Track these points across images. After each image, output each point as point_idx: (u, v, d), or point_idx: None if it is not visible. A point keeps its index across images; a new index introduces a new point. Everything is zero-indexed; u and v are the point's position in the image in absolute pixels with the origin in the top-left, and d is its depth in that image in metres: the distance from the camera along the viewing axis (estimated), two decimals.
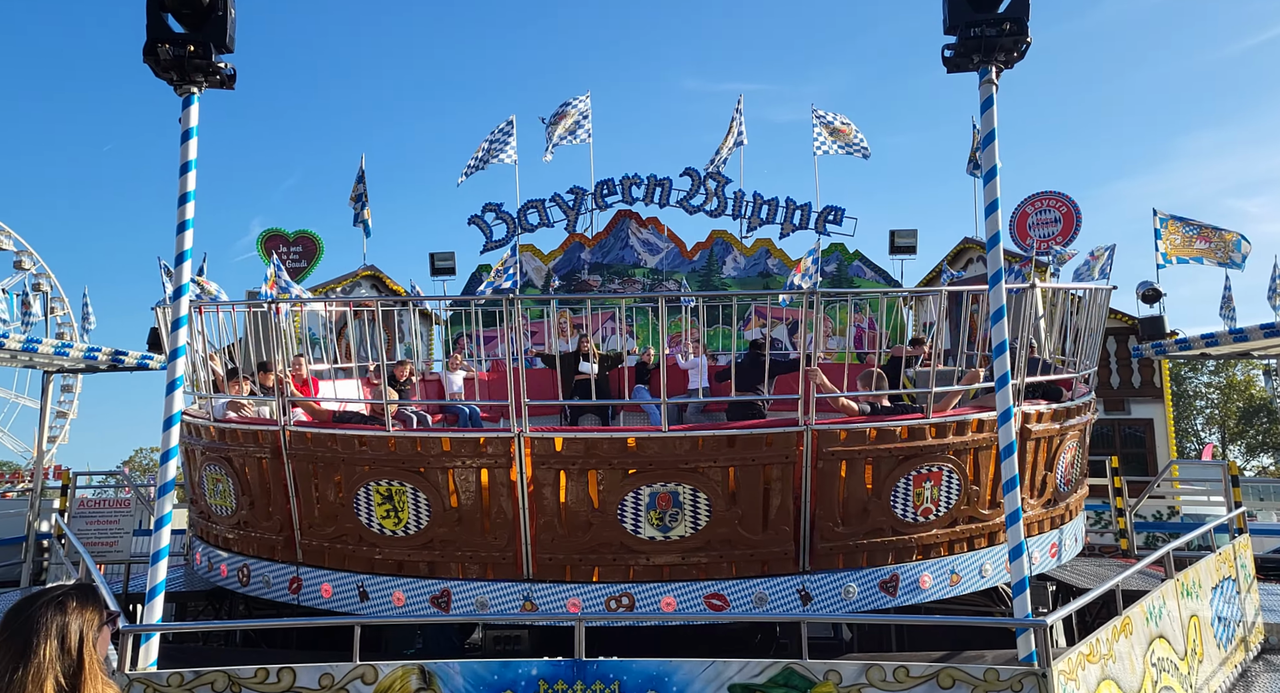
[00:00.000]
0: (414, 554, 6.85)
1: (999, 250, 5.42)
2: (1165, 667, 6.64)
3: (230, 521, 7.83)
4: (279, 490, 7.34)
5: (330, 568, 7.07)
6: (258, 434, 7.42)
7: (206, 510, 8.24)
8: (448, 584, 6.70)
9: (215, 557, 8.00)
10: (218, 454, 7.79)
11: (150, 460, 55.49)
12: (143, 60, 5.14)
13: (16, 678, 2.08)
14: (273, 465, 7.31)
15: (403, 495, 6.77)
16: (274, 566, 7.39)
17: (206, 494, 8.12)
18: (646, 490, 6.51)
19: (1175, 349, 14.11)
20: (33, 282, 37.30)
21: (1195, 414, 46.20)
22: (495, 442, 6.62)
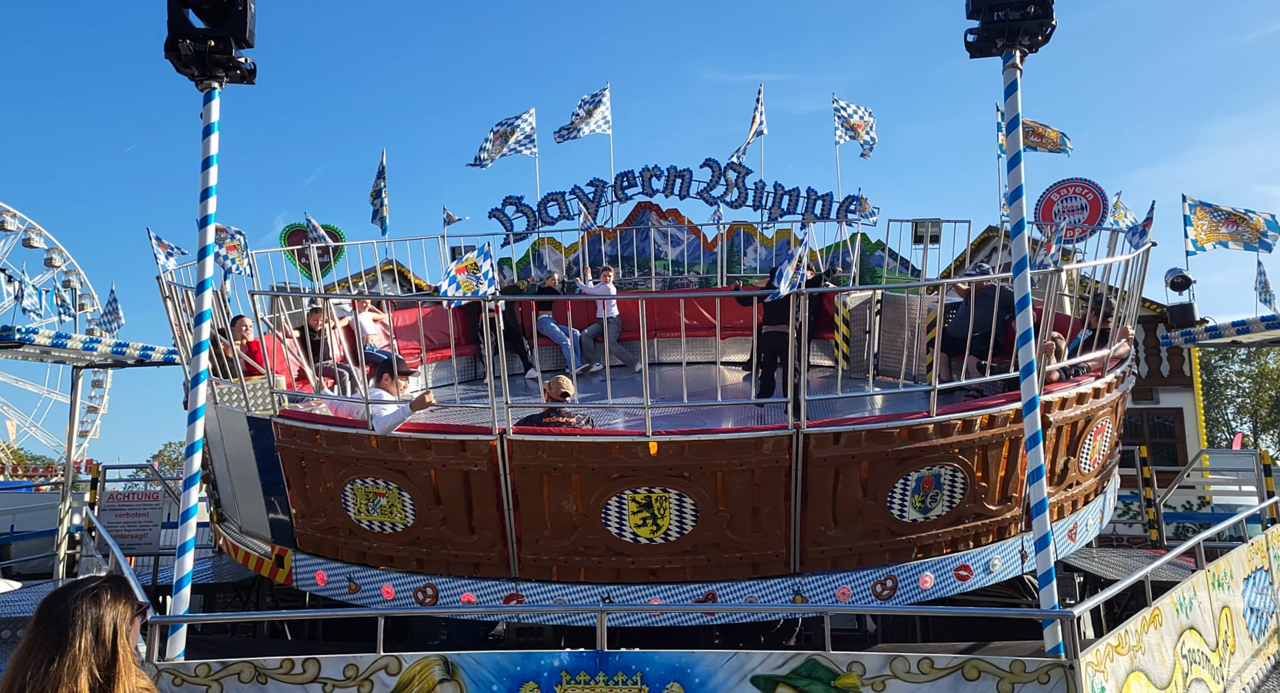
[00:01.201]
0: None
1: (1024, 238, 5.34)
2: (1196, 659, 6.54)
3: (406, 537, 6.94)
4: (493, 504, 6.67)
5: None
6: (465, 444, 6.55)
7: (349, 527, 7.09)
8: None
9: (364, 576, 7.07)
10: (386, 466, 6.81)
11: (178, 454, 56.24)
12: (164, 56, 5.17)
13: (52, 670, 2.10)
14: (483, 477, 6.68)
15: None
16: (486, 582, 6.77)
17: (353, 509, 7.00)
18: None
19: (1205, 337, 13.86)
20: (62, 278, 37.97)
21: (1226, 403, 45.51)
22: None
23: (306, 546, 7.38)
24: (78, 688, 2.10)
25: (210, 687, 5.02)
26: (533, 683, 5.01)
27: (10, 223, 37.03)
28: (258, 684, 5.02)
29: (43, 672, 2.09)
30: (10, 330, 10.33)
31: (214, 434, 8.18)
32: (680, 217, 19.76)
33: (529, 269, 19.71)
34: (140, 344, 12.31)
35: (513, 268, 19.72)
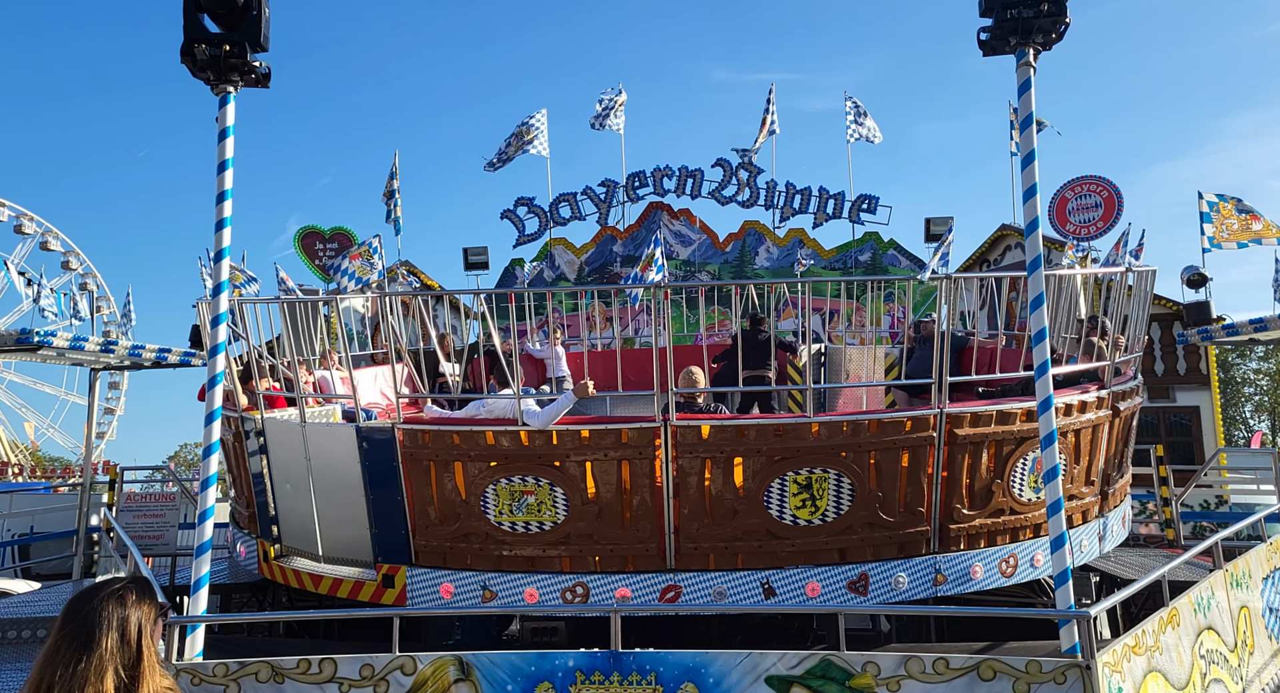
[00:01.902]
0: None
1: (1038, 236, 5.32)
2: (1214, 659, 6.50)
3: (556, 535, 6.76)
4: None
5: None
6: (627, 433, 6.51)
7: (487, 532, 6.80)
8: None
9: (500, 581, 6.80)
10: (538, 461, 6.68)
11: (194, 455, 56.63)
12: (180, 61, 5.21)
13: (80, 669, 2.13)
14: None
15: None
16: (643, 576, 6.62)
17: (493, 512, 6.75)
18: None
19: (1222, 335, 13.76)
20: (79, 281, 38.31)
21: (1244, 401, 45.09)
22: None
23: (429, 559, 6.94)
24: (104, 688, 2.13)
25: (228, 687, 5.06)
26: (547, 683, 5.03)
27: (28, 226, 37.39)
28: (275, 684, 5.06)
29: (70, 672, 2.12)
30: (29, 333, 10.43)
31: (285, 459, 7.66)
32: (692, 216, 19.77)
33: (541, 269, 19.74)
34: (156, 346, 12.42)
35: (524, 267, 19.77)
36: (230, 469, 9.21)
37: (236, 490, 9.31)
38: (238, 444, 8.57)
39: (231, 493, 10.01)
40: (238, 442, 8.54)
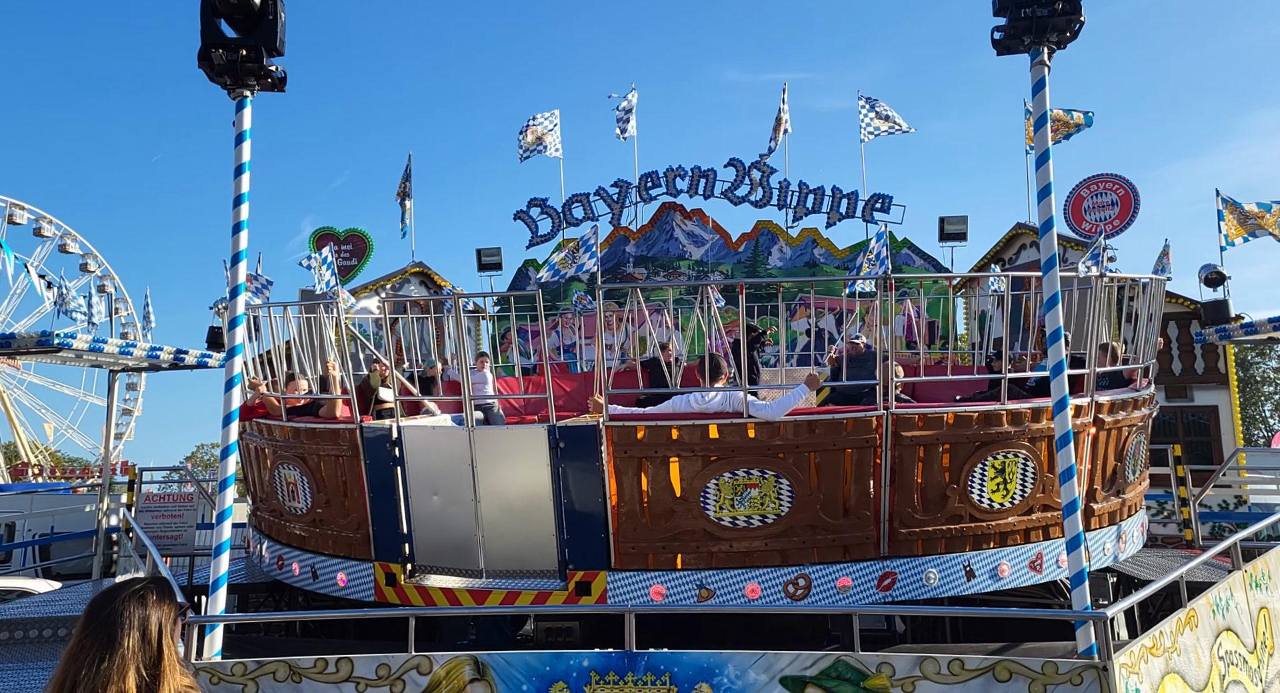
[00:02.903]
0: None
1: (1053, 235, 5.29)
2: (1234, 660, 6.45)
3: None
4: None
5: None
6: (854, 422, 6.67)
7: (704, 528, 6.67)
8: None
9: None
10: (765, 453, 6.65)
11: (211, 456, 57.07)
12: (197, 65, 5.26)
13: (103, 669, 2.16)
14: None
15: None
16: (860, 565, 6.72)
17: (713, 507, 6.67)
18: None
19: (1241, 333, 13.64)
20: (97, 283, 38.67)
21: (1263, 400, 44.63)
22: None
23: (630, 562, 6.75)
24: (126, 687, 2.16)
25: (246, 686, 5.10)
26: (562, 683, 5.04)
27: (47, 229, 37.76)
28: (292, 683, 5.10)
29: (94, 671, 2.15)
30: (50, 335, 10.54)
31: (432, 468, 7.19)
32: (705, 217, 19.76)
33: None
34: (174, 348, 12.52)
35: (538, 269, 19.81)
36: (258, 479, 8.83)
37: (264, 499, 8.72)
38: (269, 452, 8.32)
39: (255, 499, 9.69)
40: (269, 450, 8.29)
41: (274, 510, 8.57)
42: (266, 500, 8.73)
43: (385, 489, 7.28)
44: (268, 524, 8.78)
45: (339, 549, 7.67)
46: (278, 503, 8.42)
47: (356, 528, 7.48)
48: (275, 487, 8.39)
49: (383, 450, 7.24)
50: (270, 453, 8.41)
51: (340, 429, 7.49)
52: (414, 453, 7.22)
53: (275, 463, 8.33)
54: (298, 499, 8.04)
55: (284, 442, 8.09)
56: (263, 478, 8.72)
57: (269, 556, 8.54)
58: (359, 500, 7.43)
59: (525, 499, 6.94)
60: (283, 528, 8.36)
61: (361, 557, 7.48)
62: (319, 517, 7.80)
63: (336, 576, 7.59)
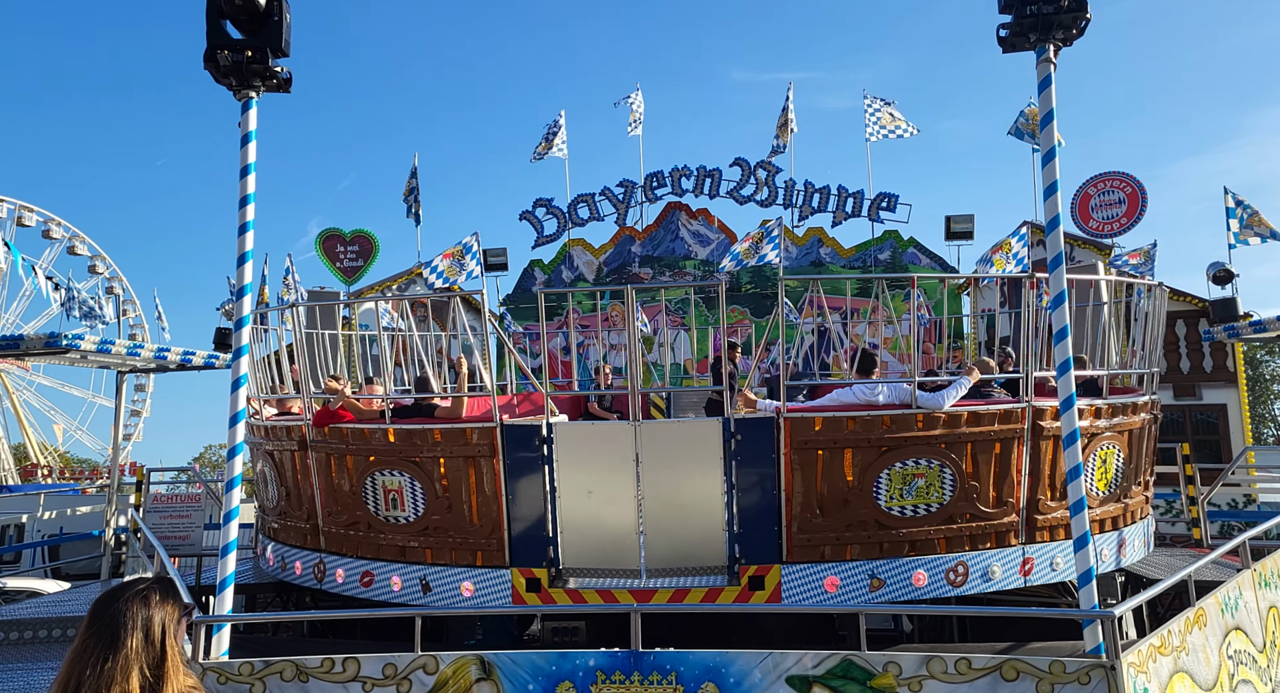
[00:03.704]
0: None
1: (1059, 233, 5.27)
2: (1243, 659, 6.42)
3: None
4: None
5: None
6: (1007, 413, 7.06)
7: (876, 518, 6.79)
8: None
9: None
10: (932, 444, 6.84)
11: (218, 457, 57.26)
12: (203, 66, 5.28)
13: (106, 669, 2.17)
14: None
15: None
16: (1007, 552, 7.10)
17: (884, 497, 6.81)
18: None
19: (1249, 332, 13.58)
20: (105, 284, 38.83)
21: (1272, 399, 44.41)
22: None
23: (805, 554, 6.76)
24: (130, 687, 2.17)
25: (253, 685, 5.11)
26: (568, 683, 5.05)
27: (56, 231, 37.93)
28: (299, 683, 5.11)
29: (98, 671, 2.15)
30: (58, 336, 10.59)
31: (586, 466, 6.99)
32: (710, 216, 19.75)
33: (560, 271, 19.81)
34: (181, 349, 12.56)
35: (544, 269, 19.83)
36: (326, 488, 7.94)
37: (336, 512, 7.84)
38: (353, 459, 7.59)
39: (278, 503, 8.83)
40: (356, 457, 7.55)
41: (350, 524, 7.67)
42: (339, 514, 7.78)
43: (528, 490, 6.97)
44: (337, 539, 7.83)
45: (462, 558, 7.16)
46: (363, 515, 7.58)
47: (490, 533, 7.04)
48: (364, 497, 7.54)
49: (529, 449, 6.93)
50: (358, 460, 7.59)
51: (471, 428, 7.04)
52: (567, 450, 6.95)
53: (366, 471, 7.51)
54: (401, 508, 7.37)
55: (386, 446, 7.39)
56: (337, 488, 7.76)
57: (344, 573, 7.63)
58: (492, 504, 7.02)
59: (693, 494, 6.88)
60: (366, 541, 7.61)
61: (494, 564, 7.07)
62: (434, 524, 7.23)
63: (460, 586, 7.11)
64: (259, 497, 9.38)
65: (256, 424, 8.71)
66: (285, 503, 8.57)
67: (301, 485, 8.24)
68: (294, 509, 8.41)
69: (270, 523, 9.02)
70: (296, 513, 8.36)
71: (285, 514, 8.59)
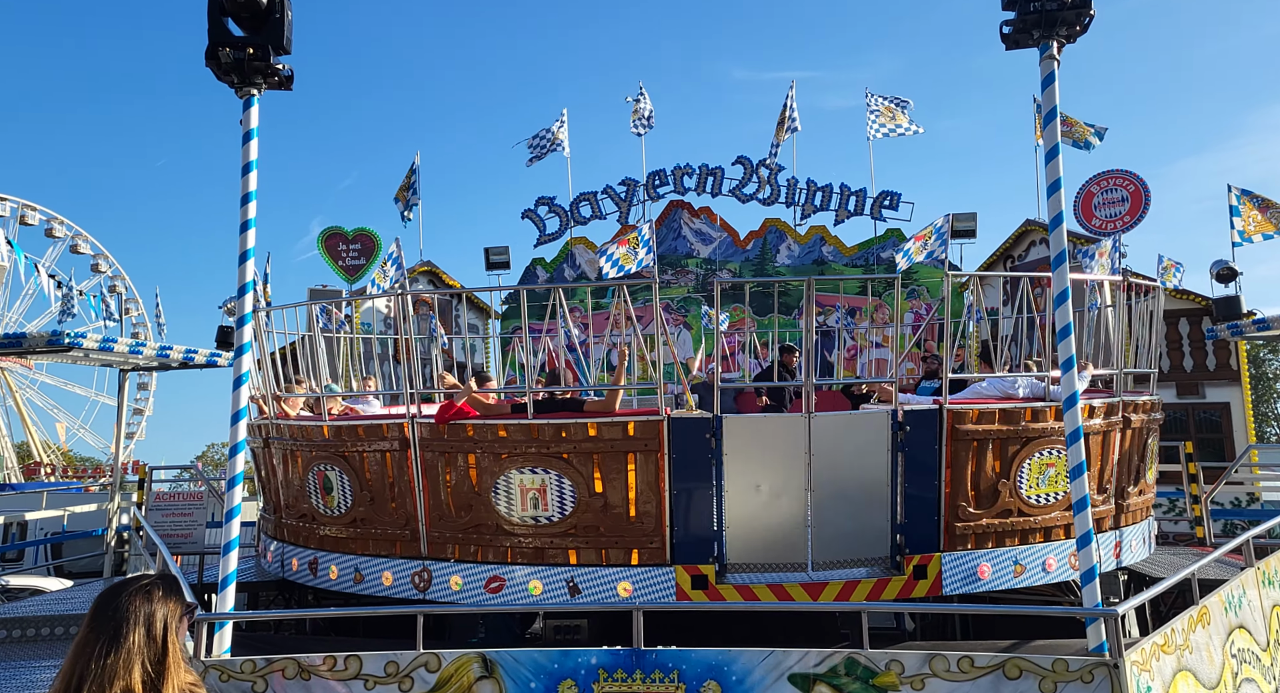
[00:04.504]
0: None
1: (1062, 231, 5.26)
2: (1246, 658, 6.41)
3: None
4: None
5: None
6: (1113, 406, 7.85)
7: (1019, 506, 7.19)
8: None
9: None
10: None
11: (221, 455, 57.34)
12: (205, 64, 5.27)
13: (108, 663, 2.16)
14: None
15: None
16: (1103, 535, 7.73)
17: (1025, 486, 7.24)
18: None
19: (1253, 330, 13.55)
20: (108, 283, 38.89)
21: (1275, 397, 44.32)
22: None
23: (960, 543, 6.97)
24: (131, 682, 2.16)
25: (255, 682, 5.11)
26: (570, 681, 5.04)
27: (58, 230, 38.00)
28: (301, 681, 5.11)
29: (100, 666, 2.15)
30: (60, 335, 10.59)
31: (756, 460, 6.90)
32: (713, 215, 19.74)
33: (562, 269, 19.80)
34: (183, 347, 12.57)
35: (546, 268, 19.83)
36: (372, 488, 7.63)
37: (445, 516, 7.36)
38: (478, 456, 7.17)
39: (349, 510, 8.12)
40: (483, 453, 7.12)
41: (471, 527, 7.22)
42: (454, 517, 7.29)
43: (694, 484, 6.83)
44: (446, 544, 7.32)
45: (615, 557, 6.91)
46: (490, 516, 7.16)
47: (651, 531, 6.87)
48: (493, 498, 7.14)
49: (699, 442, 6.81)
50: (486, 459, 7.17)
51: (632, 422, 6.83)
52: (736, 443, 6.84)
53: (498, 471, 7.12)
54: (543, 507, 7.03)
55: (527, 442, 7.05)
56: (454, 489, 7.29)
57: (462, 580, 7.15)
58: (653, 500, 6.83)
59: (858, 486, 6.97)
60: (494, 545, 7.17)
61: (654, 562, 6.86)
62: (584, 523, 6.96)
63: (616, 586, 6.84)
64: (284, 503, 8.72)
65: (307, 424, 8.17)
66: (366, 508, 7.68)
67: (395, 489, 7.55)
68: (379, 516, 7.65)
69: (324, 532, 8.01)
70: (385, 519, 7.61)
71: (364, 522, 7.72)
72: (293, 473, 8.50)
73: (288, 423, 8.39)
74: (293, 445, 8.37)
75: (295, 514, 8.47)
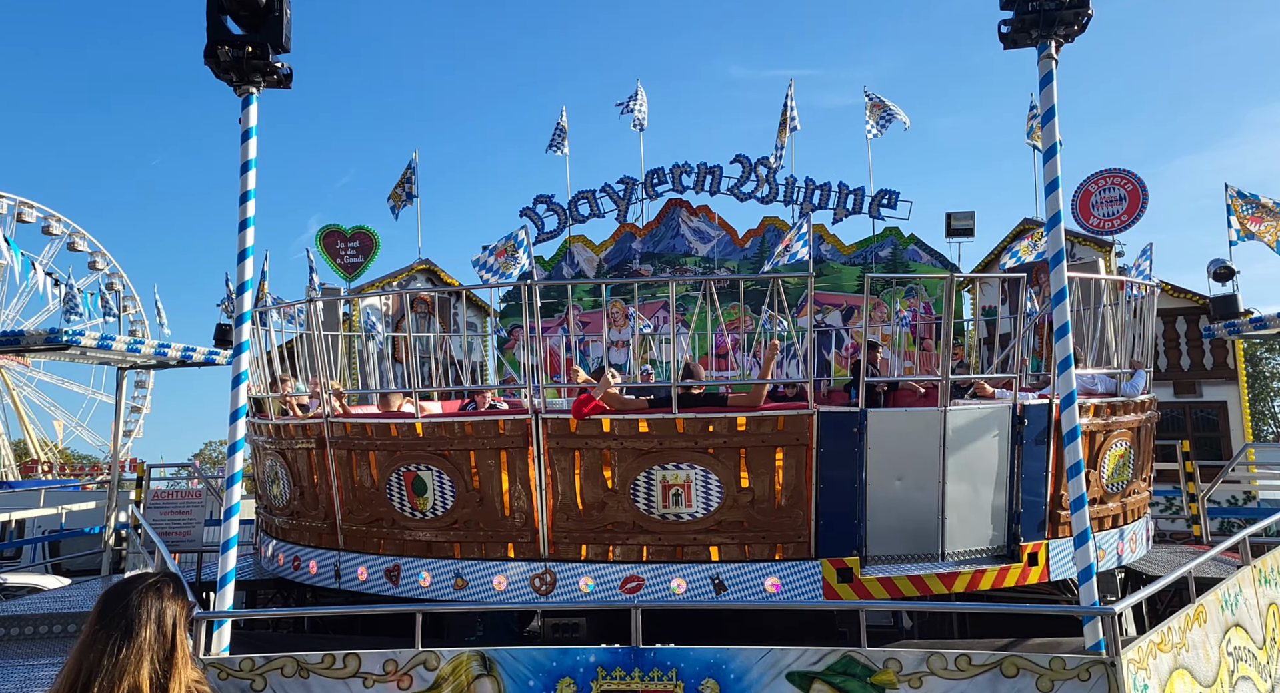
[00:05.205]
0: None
1: (1059, 230, 5.27)
2: (1242, 656, 6.43)
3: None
4: None
5: None
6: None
7: (1100, 496, 7.91)
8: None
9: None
10: None
11: (219, 453, 57.30)
12: (203, 62, 5.27)
13: (120, 659, 2.16)
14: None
15: None
16: None
17: (1106, 474, 8.02)
18: None
19: (1250, 329, 13.58)
20: (106, 281, 38.84)
21: (1272, 396, 44.42)
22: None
23: (1062, 530, 7.36)
24: (140, 678, 2.17)
25: (254, 680, 5.12)
26: (569, 678, 5.05)
27: (56, 227, 37.95)
28: (300, 678, 5.12)
29: (112, 661, 2.15)
30: (58, 332, 10.59)
31: (896, 453, 6.95)
32: (711, 213, 19.74)
33: (560, 267, 19.80)
34: (181, 345, 12.56)
35: (545, 266, 19.82)
36: (482, 488, 7.24)
37: (580, 513, 7.07)
38: (616, 452, 6.96)
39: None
40: (621, 450, 6.91)
41: (604, 526, 7.00)
42: (583, 515, 7.04)
43: (840, 477, 6.85)
44: (572, 544, 7.06)
45: (760, 552, 6.85)
46: (629, 513, 6.98)
47: (799, 524, 6.84)
48: (632, 494, 6.95)
49: (845, 436, 6.83)
50: (624, 455, 6.97)
51: (781, 416, 6.82)
52: (879, 436, 6.91)
53: (639, 467, 6.92)
54: (686, 503, 6.92)
55: (673, 437, 6.89)
56: (584, 486, 7.05)
57: (593, 580, 6.92)
58: (800, 493, 6.82)
59: (983, 477, 7.21)
60: (629, 544, 7.00)
61: (800, 556, 6.84)
62: (729, 519, 6.88)
63: (765, 581, 6.77)
64: (344, 507, 7.88)
65: (394, 422, 7.56)
66: (473, 510, 7.25)
67: (511, 490, 7.19)
68: (486, 517, 7.26)
69: (409, 536, 7.49)
70: (494, 521, 7.24)
71: (468, 524, 7.28)
72: (364, 475, 7.69)
73: (361, 421, 7.73)
74: (368, 445, 7.53)
75: (363, 519, 7.66)
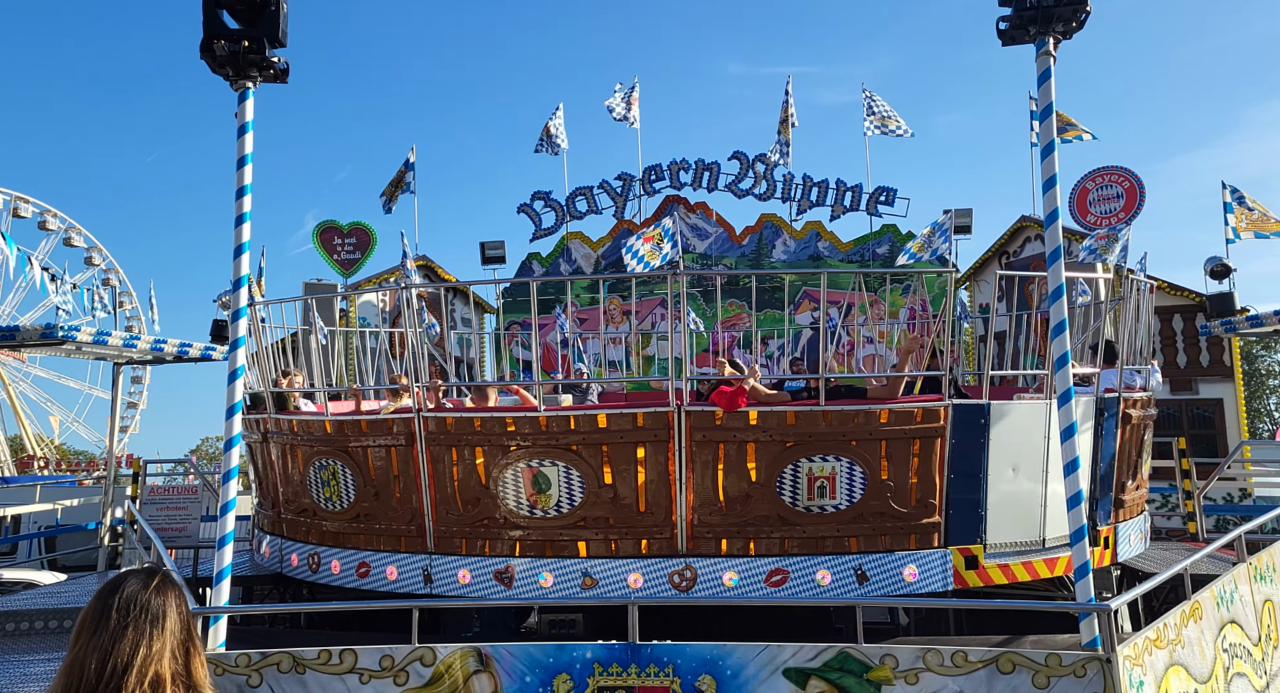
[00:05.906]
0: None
1: (1057, 227, 5.27)
2: (1238, 653, 6.45)
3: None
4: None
5: None
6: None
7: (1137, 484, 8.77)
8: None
9: None
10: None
11: (215, 449, 57.21)
12: (199, 56, 5.25)
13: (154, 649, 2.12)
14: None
15: None
16: None
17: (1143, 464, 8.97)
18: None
19: (1246, 326, 13.60)
20: (102, 276, 38.73)
21: (1268, 393, 44.52)
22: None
23: (1122, 514, 8.11)
24: (162, 669, 2.13)
25: (250, 676, 5.12)
26: (565, 674, 5.06)
27: (51, 222, 37.83)
28: (296, 674, 5.11)
29: (143, 655, 2.11)
30: (54, 328, 10.55)
31: (1014, 442, 7.10)
32: (709, 210, 19.73)
33: (558, 264, 19.79)
34: (178, 341, 12.52)
35: (542, 263, 19.81)
36: (617, 484, 6.97)
37: (738, 502, 6.92)
38: (770, 443, 6.86)
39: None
40: (661, 445, 6.81)
41: (751, 519, 6.89)
42: (726, 508, 6.89)
43: (966, 467, 6.97)
44: (715, 539, 6.90)
45: (897, 543, 6.88)
46: (773, 506, 6.88)
47: (930, 514, 6.91)
48: (778, 488, 6.85)
49: (973, 427, 6.94)
50: (768, 448, 6.87)
51: (920, 408, 6.86)
52: (1000, 427, 7.07)
53: (784, 460, 6.86)
54: (831, 495, 6.88)
55: (820, 430, 6.83)
56: (727, 479, 6.92)
57: (737, 575, 6.80)
58: (932, 483, 6.94)
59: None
60: (777, 537, 6.91)
61: (931, 545, 6.93)
62: (869, 510, 6.89)
63: (903, 571, 6.83)
64: (427, 507, 7.35)
65: (510, 415, 7.14)
66: (606, 506, 6.96)
67: (649, 486, 6.95)
68: (617, 513, 7.00)
69: (527, 535, 7.08)
70: (628, 516, 6.97)
71: (599, 522, 6.99)
72: (466, 472, 7.24)
73: (468, 414, 7.24)
74: (477, 441, 7.14)
75: (465, 519, 7.22)
